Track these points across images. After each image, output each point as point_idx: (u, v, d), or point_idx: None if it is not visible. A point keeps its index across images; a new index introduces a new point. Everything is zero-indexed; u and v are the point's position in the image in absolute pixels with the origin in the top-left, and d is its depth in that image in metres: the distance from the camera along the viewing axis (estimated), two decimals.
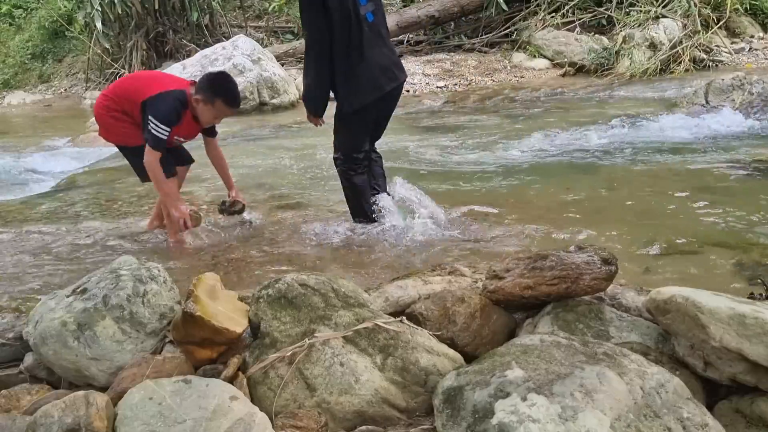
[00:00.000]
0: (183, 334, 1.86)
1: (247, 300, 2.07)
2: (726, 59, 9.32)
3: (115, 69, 10.93)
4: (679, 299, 1.72)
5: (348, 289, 2.01)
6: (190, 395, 1.64)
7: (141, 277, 2.10)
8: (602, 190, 4.13)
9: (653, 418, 1.48)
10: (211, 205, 4.14)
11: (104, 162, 6.13)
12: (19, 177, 5.79)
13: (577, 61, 9.73)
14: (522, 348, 1.70)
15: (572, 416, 1.42)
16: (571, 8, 10.53)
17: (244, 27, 11.91)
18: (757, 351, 1.57)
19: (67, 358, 1.96)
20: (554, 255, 2.00)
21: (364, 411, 1.74)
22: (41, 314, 2.06)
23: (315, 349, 1.82)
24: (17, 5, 13.54)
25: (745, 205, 3.58)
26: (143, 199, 4.60)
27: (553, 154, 5.21)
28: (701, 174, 4.32)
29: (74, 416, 1.58)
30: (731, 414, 1.65)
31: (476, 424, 1.48)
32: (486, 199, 4.02)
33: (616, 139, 5.56)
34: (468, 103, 8.28)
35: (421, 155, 5.42)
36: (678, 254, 2.99)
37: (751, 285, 2.50)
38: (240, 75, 8.78)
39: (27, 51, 12.67)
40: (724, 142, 5.22)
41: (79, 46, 12.23)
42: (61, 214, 4.31)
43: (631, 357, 1.64)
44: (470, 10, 11.15)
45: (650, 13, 9.49)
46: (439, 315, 1.99)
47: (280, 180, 4.84)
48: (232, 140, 6.70)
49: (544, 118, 6.73)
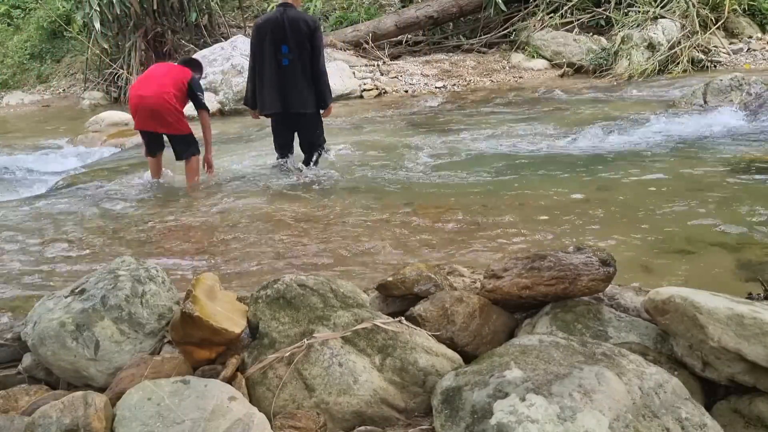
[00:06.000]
0: (182, 334, 1.86)
1: (246, 300, 2.07)
2: (724, 60, 9.34)
3: (114, 69, 10.93)
4: (678, 299, 1.72)
5: (347, 290, 2.01)
6: (188, 396, 1.64)
7: (139, 278, 2.10)
8: (600, 190, 4.14)
9: (652, 418, 1.48)
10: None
11: (103, 162, 6.13)
12: (18, 177, 5.79)
13: (575, 62, 9.76)
14: (521, 348, 1.70)
15: (571, 416, 1.43)
16: (570, 9, 10.55)
17: (242, 27, 11.92)
18: (756, 351, 1.57)
19: (66, 359, 1.95)
20: (552, 255, 2.00)
21: (363, 411, 1.74)
22: (39, 315, 2.06)
23: (314, 349, 1.82)
24: (15, 5, 13.54)
25: (743, 205, 3.59)
26: (142, 198, 4.61)
27: (552, 154, 5.21)
28: (700, 174, 4.33)
29: (72, 417, 1.58)
30: (730, 414, 1.65)
31: (475, 425, 1.48)
32: (484, 199, 4.02)
33: (615, 139, 5.57)
34: (466, 104, 8.29)
35: (418, 155, 5.42)
36: (676, 254, 3.00)
37: (749, 284, 2.50)
38: (239, 75, 8.79)
39: (25, 51, 12.67)
40: (722, 142, 5.23)
41: (77, 47, 12.23)
42: (60, 214, 4.31)
43: (630, 357, 1.64)
44: (469, 11, 11.17)
45: (648, 14, 9.50)
46: (437, 315, 1.99)
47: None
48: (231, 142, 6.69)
49: (542, 119, 6.74)
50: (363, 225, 3.67)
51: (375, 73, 10.11)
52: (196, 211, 4.21)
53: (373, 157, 5.44)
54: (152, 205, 4.46)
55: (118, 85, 11.00)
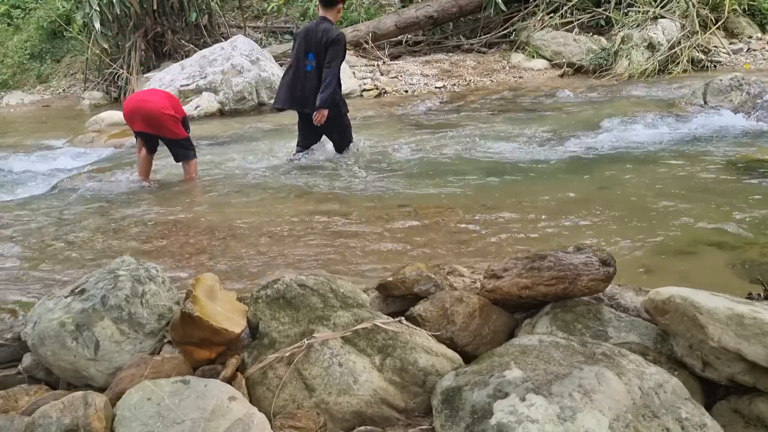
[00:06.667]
0: (182, 334, 1.86)
1: (246, 300, 2.07)
2: (724, 60, 9.34)
3: (114, 69, 10.92)
4: (678, 299, 1.72)
5: (346, 290, 2.01)
6: (188, 396, 1.64)
7: (139, 278, 2.10)
8: (600, 190, 4.14)
9: (652, 418, 1.48)
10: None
11: (103, 162, 6.13)
12: (18, 177, 5.78)
13: (575, 62, 9.75)
14: (521, 348, 1.70)
15: (571, 416, 1.43)
16: (570, 9, 10.54)
17: (242, 27, 11.92)
18: (756, 351, 1.57)
19: (66, 359, 1.95)
20: (552, 255, 2.00)
21: (363, 411, 1.74)
22: (39, 315, 2.06)
23: (314, 349, 1.82)
24: (15, 5, 13.53)
25: (743, 205, 3.59)
26: (142, 198, 4.61)
27: (552, 154, 5.21)
28: (699, 174, 4.33)
29: (72, 417, 1.58)
30: (729, 414, 1.65)
31: (475, 425, 1.48)
32: (484, 199, 4.02)
33: (614, 139, 5.57)
34: (466, 104, 8.29)
35: (417, 154, 5.42)
36: (676, 254, 3.00)
37: (749, 285, 2.50)
38: (239, 75, 8.79)
39: (25, 51, 12.66)
40: (722, 142, 5.23)
41: (77, 47, 12.23)
42: (60, 214, 4.31)
43: (630, 357, 1.64)
44: (469, 11, 11.16)
45: (648, 14, 9.50)
46: (437, 315, 1.99)
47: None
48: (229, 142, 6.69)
49: (542, 119, 6.74)
50: (363, 225, 3.67)
51: (375, 73, 10.11)
52: (196, 211, 4.21)
53: (373, 156, 5.44)
54: (152, 205, 4.46)
55: (118, 85, 10.99)
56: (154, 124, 4.74)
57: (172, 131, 4.80)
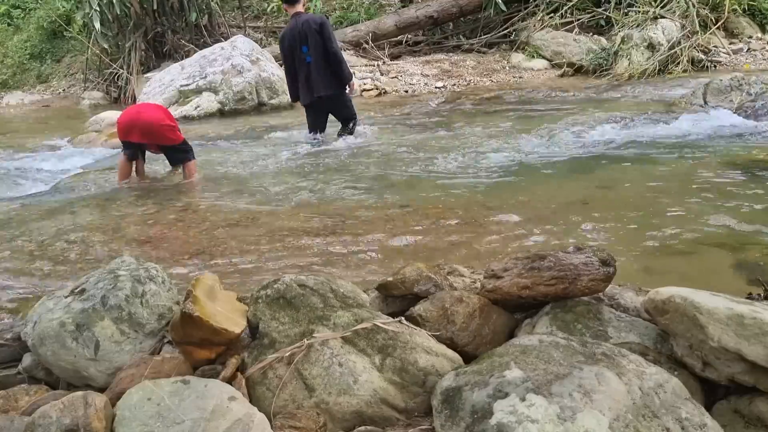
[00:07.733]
0: (182, 334, 1.86)
1: (246, 300, 2.07)
2: (724, 60, 9.35)
3: (114, 69, 10.93)
4: (678, 299, 1.72)
5: (347, 290, 2.01)
6: (188, 396, 1.64)
7: (139, 278, 2.10)
8: (601, 190, 4.14)
9: (652, 418, 1.48)
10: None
11: (103, 162, 6.13)
12: (18, 177, 5.78)
13: (575, 62, 9.76)
14: (521, 348, 1.70)
15: (571, 416, 1.43)
16: (570, 9, 10.55)
17: (242, 27, 11.93)
18: (756, 351, 1.57)
19: (66, 359, 1.95)
20: (552, 255, 2.00)
21: (363, 411, 1.74)
22: (39, 315, 2.06)
23: (314, 349, 1.82)
24: (15, 5, 13.54)
25: (743, 205, 3.59)
26: (142, 198, 4.61)
27: (551, 155, 5.21)
28: (699, 174, 4.33)
29: (72, 417, 1.58)
30: (730, 414, 1.65)
31: (475, 425, 1.48)
32: (484, 199, 4.02)
33: (614, 139, 5.57)
34: (466, 104, 8.29)
35: (417, 154, 5.42)
36: (676, 254, 2.99)
37: (749, 285, 2.50)
38: (239, 75, 8.79)
39: (25, 51, 12.67)
40: (722, 142, 5.23)
41: (77, 47, 12.23)
42: (60, 214, 4.31)
43: (630, 357, 1.64)
44: (469, 11, 11.17)
45: (648, 14, 9.50)
46: (437, 315, 1.98)
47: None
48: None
49: (542, 119, 6.74)
50: (363, 224, 3.67)
51: (375, 73, 10.11)
52: (196, 211, 4.21)
53: (373, 156, 5.44)
54: (152, 205, 4.46)
55: (118, 85, 11.00)
56: (153, 134, 4.92)
57: (170, 138, 4.98)
